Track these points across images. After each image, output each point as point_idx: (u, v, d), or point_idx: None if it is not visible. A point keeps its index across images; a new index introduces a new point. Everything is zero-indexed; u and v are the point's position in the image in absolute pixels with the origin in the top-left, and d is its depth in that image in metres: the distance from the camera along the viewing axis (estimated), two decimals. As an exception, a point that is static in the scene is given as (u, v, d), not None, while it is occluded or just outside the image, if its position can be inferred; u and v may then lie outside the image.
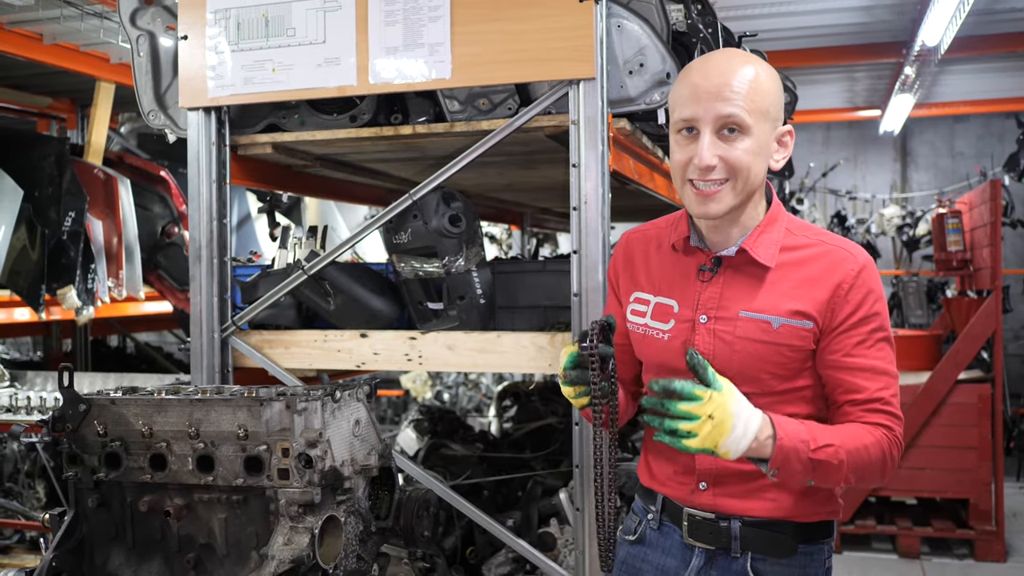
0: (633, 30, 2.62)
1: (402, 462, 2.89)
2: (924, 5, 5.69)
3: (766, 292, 1.83)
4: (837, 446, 1.73)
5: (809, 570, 1.90)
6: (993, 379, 5.99)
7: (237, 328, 3.00)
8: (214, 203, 2.97)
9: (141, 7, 3.11)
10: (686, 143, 1.81)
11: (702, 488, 1.91)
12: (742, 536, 1.88)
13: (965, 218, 6.78)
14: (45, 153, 4.58)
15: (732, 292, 1.86)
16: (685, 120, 1.80)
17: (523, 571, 3.35)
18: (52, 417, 2.11)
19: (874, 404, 1.79)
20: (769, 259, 1.84)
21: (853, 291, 1.80)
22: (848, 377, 1.81)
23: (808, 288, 1.81)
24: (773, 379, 1.83)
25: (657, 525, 2.00)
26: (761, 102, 1.78)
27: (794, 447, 1.70)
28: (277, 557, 1.92)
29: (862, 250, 1.86)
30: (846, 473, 1.74)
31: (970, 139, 10.04)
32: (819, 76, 7.82)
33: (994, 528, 5.81)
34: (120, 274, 4.77)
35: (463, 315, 2.87)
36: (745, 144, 1.77)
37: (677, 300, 1.91)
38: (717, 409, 1.64)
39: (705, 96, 1.76)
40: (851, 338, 1.80)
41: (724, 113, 1.75)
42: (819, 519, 1.91)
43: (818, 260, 1.83)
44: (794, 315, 1.81)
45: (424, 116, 2.89)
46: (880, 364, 1.81)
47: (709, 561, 1.92)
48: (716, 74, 1.78)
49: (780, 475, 1.73)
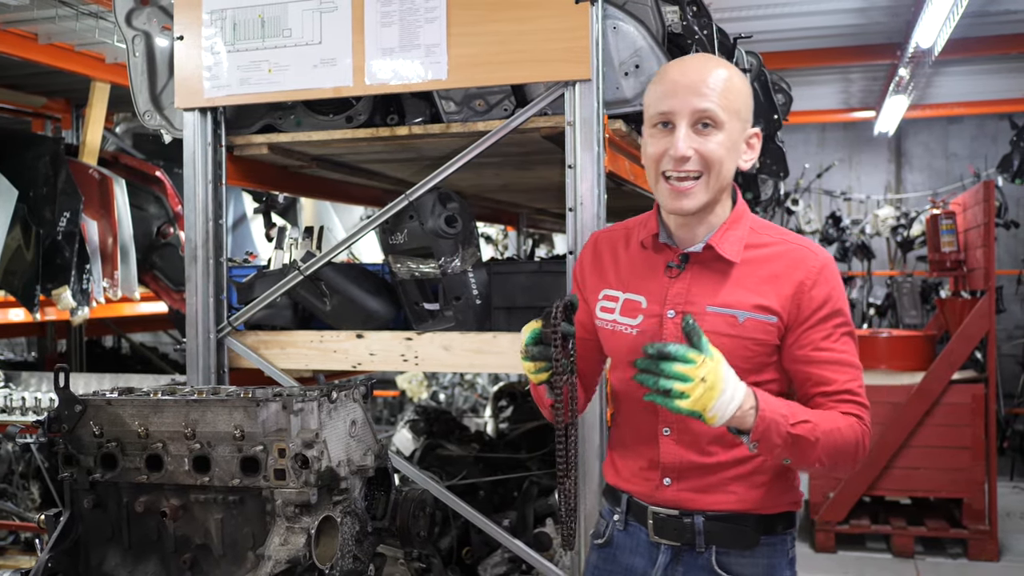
0: (629, 32, 2.63)
1: (398, 462, 2.89)
2: (918, 7, 5.70)
3: (732, 287, 1.89)
4: (815, 423, 1.79)
5: (773, 560, 1.95)
6: (987, 379, 6.00)
7: (233, 329, 3.00)
8: (210, 204, 2.97)
9: (137, 7, 3.11)
10: (661, 136, 1.87)
11: (666, 484, 1.95)
12: (706, 531, 1.92)
13: (959, 219, 6.80)
14: (40, 153, 4.56)
15: (699, 288, 1.91)
16: (662, 114, 1.86)
17: (519, 571, 3.36)
18: (48, 418, 2.11)
19: (844, 395, 1.86)
20: (735, 255, 1.90)
21: (816, 288, 1.86)
22: (817, 371, 1.87)
23: (772, 284, 1.88)
24: (740, 372, 1.84)
25: (623, 526, 2.04)
26: (734, 101, 1.85)
27: (774, 419, 1.75)
28: (273, 557, 1.92)
29: (822, 249, 1.94)
30: (820, 453, 1.79)
31: (964, 140, 10.06)
32: (814, 77, 7.83)
33: (987, 527, 5.82)
34: (115, 274, 4.76)
35: (459, 316, 2.87)
36: (719, 138, 1.84)
37: (645, 296, 1.96)
38: (710, 373, 1.68)
39: (682, 91, 1.83)
40: (817, 333, 1.86)
41: (700, 107, 1.82)
42: (780, 510, 1.96)
43: (781, 258, 1.90)
44: (759, 310, 1.87)
45: (420, 117, 2.90)
46: (846, 357, 1.88)
47: (675, 558, 1.97)
48: (693, 72, 1.86)
49: (760, 447, 1.77)
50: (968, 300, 6.50)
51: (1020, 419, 8.70)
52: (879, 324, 9.52)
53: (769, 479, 1.93)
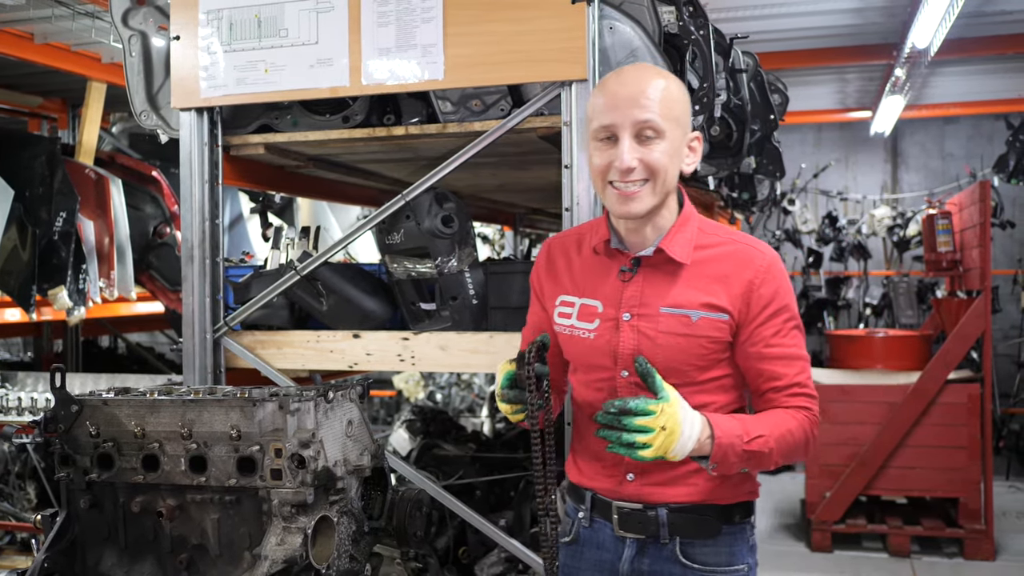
0: (625, 32, 2.63)
1: (395, 462, 2.89)
2: (914, 7, 5.70)
3: (683, 288, 1.96)
4: (767, 436, 1.88)
5: (734, 547, 2.04)
6: (982, 379, 6.01)
7: (229, 329, 3.00)
8: (206, 203, 2.97)
9: (133, 7, 3.10)
10: (606, 148, 1.92)
11: (629, 479, 2.02)
12: (670, 522, 2.00)
13: (955, 219, 6.81)
14: (36, 153, 4.56)
15: (652, 289, 1.98)
16: (605, 127, 1.92)
17: (515, 571, 3.36)
18: (44, 418, 2.11)
19: (793, 388, 1.95)
20: (685, 257, 1.96)
21: (764, 285, 1.94)
22: (768, 366, 1.95)
23: (722, 283, 1.95)
24: (694, 370, 1.95)
25: (588, 522, 2.11)
26: (673, 109, 1.92)
27: (730, 443, 1.84)
28: (270, 557, 1.92)
29: (769, 247, 2.01)
30: (775, 458, 1.90)
31: (960, 140, 10.07)
32: (810, 77, 7.84)
33: (983, 527, 5.83)
34: (111, 274, 4.75)
35: (456, 316, 2.88)
36: (661, 147, 1.90)
37: (601, 300, 2.02)
38: (668, 420, 1.78)
39: (623, 104, 1.89)
40: (767, 329, 1.94)
41: (642, 119, 1.88)
42: (739, 500, 2.05)
43: (730, 257, 1.97)
44: (711, 308, 1.94)
45: (417, 117, 2.90)
46: (794, 350, 1.97)
47: (640, 550, 2.04)
48: (632, 84, 1.92)
49: (719, 468, 1.87)
50: (964, 300, 6.51)
51: (1016, 419, 8.71)
52: (875, 324, 9.54)
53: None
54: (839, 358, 7.22)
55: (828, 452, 6.09)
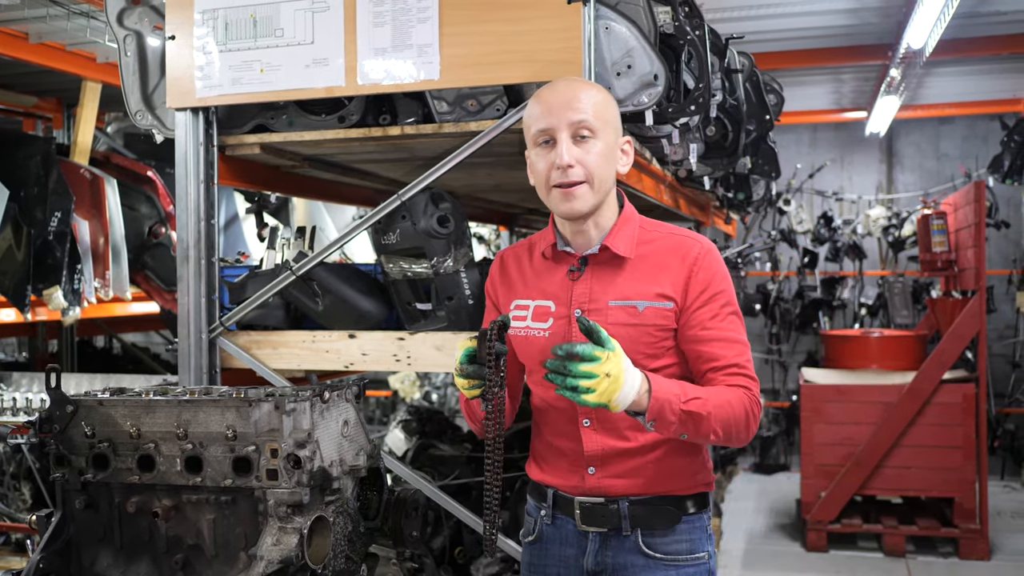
0: (621, 32, 2.63)
1: (390, 462, 2.89)
2: (909, 8, 5.72)
3: (629, 281, 2.07)
4: (705, 399, 1.95)
5: (693, 535, 2.12)
6: (977, 379, 6.03)
7: (225, 329, 3.00)
8: (202, 204, 2.97)
9: (128, 7, 3.10)
10: (545, 152, 2.04)
11: (590, 472, 2.10)
12: (631, 515, 2.09)
13: (950, 219, 6.82)
14: (31, 153, 4.55)
15: (600, 285, 2.09)
16: (543, 131, 2.03)
17: (511, 571, 3.36)
18: (39, 418, 2.11)
19: (732, 369, 2.03)
20: (628, 251, 2.08)
21: (701, 272, 2.05)
22: (707, 348, 2.04)
23: (664, 273, 2.06)
24: (644, 358, 2.04)
25: (551, 520, 2.19)
26: (605, 113, 2.04)
27: (667, 399, 1.91)
28: (266, 558, 1.92)
29: (705, 238, 2.13)
30: (713, 425, 1.95)
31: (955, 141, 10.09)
32: (806, 78, 7.85)
33: (978, 526, 5.85)
34: (106, 274, 4.75)
35: (451, 316, 2.87)
36: (597, 147, 2.02)
37: (553, 300, 2.12)
38: (613, 367, 1.84)
39: (558, 108, 2.01)
40: (704, 313, 2.04)
41: (576, 119, 2.00)
42: (696, 491, 2.14)
43: (669, 249, 2.09)
44: (656, 297, 2.05)
45: (412, 117, 2.90)
46: (732, 334, 2.06)
47: (603, 543, 2.12)
48: (564, 90, 2.05)
49: (657, 425, 1.93)
50: (959, 300, 6.52)
51: (1011, 418, 8.73)
52: (870, 324, 9.55)
53: (683, 462, 2.11)
54: (834, 358, 7.23)
55: (823, 452, 6.10)
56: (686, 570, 2.10)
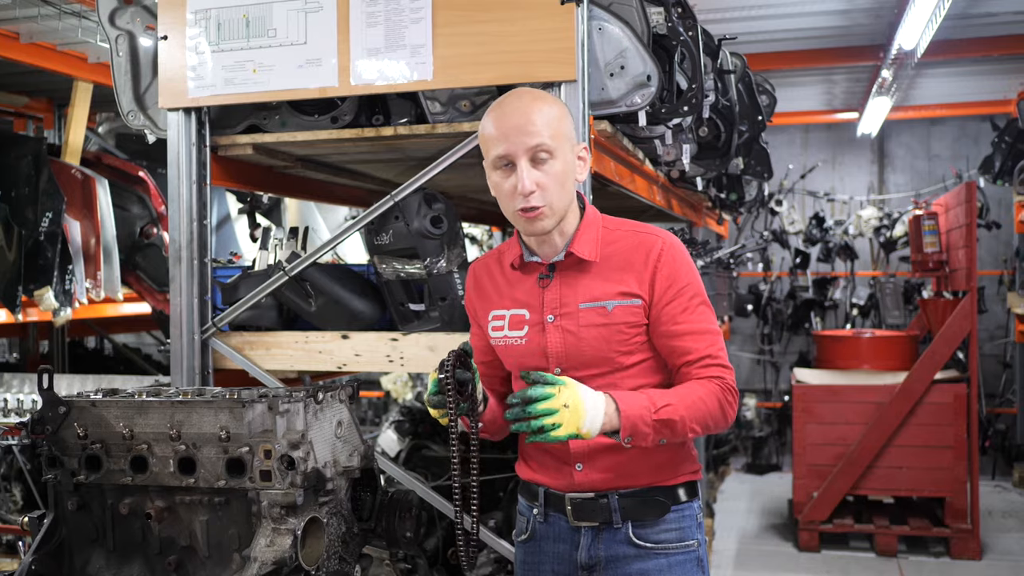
0: (614, 33, 2.64)
1: (384, 463, 2.89)
2: (901, 9, 5.73)
3: (596, 283, 2.10)
4: (675, 404, 1.99)
5: (683, 524, 2.16)
6: (969, 379, 6.04)
7: (217, 329, 2.99)
8: (194, 204, 2.96)
9: (120, 7, 3.09)
10: (506, 175, 2.04)
11: (579, 469, 2.13)
12: (621, 507, 2.12)
13: (941, 220, 6.84)
14: (22, 153, 4.53)
15: (569, 290, 2.12)
16: (501, 157, 2.03)
17: (504, 571, 3.36)
18: (32, 419, 2.10)
19: (705, 360, 2.06)
20: (593, 255, 2.11)
21: (664, 266, 2.07)
22: (679, 343, 2.07)
23: (629, 271, 2.09)
24: (619, 355, 2.08)
25: (543, 518, 2.22)
26: (559, 128, 2.04)
27: (638, 414, 1.95)
28: (259, 559, 1.92)
29: (668, 233, 2.16)
30: (690, 425, 2.00)
31: (946, 141, 10.12)
32: (798, 79, 7.86)
33: (969, 526, 5.86)
34: (98, 275, 4.73)
35: (445, 316, 2.87)
36: (555, 167, 2.02)
37: (527, 309, 2.15)
38: (569, 397, 1.90)
39: (513, 133, 2.01)
40: (674, 308, 2.07)
41: (533, 144, 2.00)
42: (683, 480, 2.17)
43: (632, 247, 2.11)
44: (623, 296, 2.08)
45: (406, 117, 2.89)
46: (703, 325, 2.08)
47: (596, 537, 2.15)
48: (517, 114, 2.03)
49: (634, 440, 1.97)
50: (950, 300, 6.54)
51: (1002, 418, 8.75)
52: (862, 324, 9.57)
53: (668, 455, 2.13)
54: (826, 358, 7.25)
55: (815, 452, 6.11)
56: (676, 558, 2.14)
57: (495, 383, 2.28)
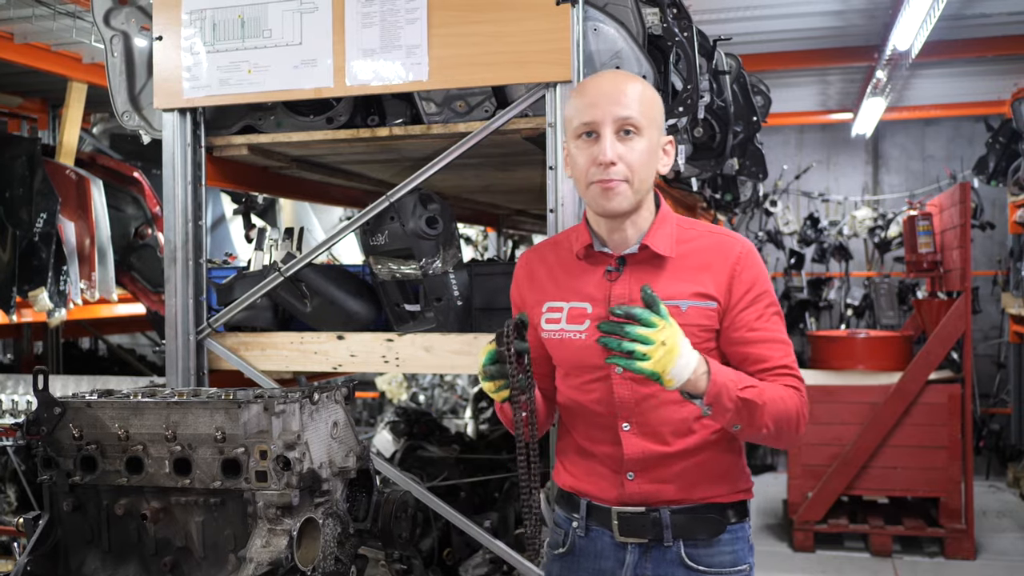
0: (609, 33, 2.64)
1: (379, 464, 2.89)
2: (895, 10, 5.75)
3: (670, 280, 2.00)
4: (761, 389, 1.91)
5: (736, 547, 2.05)
6: (963, 379, 6.05)
7: (212, 330, 2.99)
8: (189, 205, 2.96)
9: (115, 7, 3.08)
10: (587, 147, 1.97)
11: (630, 478, 2.02)
12: (673, 524, 2.00)
13: (935, 220, 6.86)
14: (16, 153, 4.53)
15: (639, 285, 1.97)
16: (586, 124, 1.95)
17: (500, 572, 3.36)
18: (27, 420, 2.09)
19: (780, 370, 1.98)
20: (669, 250, 2.01)
21: (745, 271, 1.99)
22: (754, 350, 1.99)
23: (706, 272, 2.00)
24: None
25: (584, 532, 2.09)
26: (650, 110, 1.97)
27: (725, 383, 1.86)
28: (255, 560, 1.91)
29: (744, 238, 2.08)
30: (767, 418, 1.90)
31: (940, 142, 10.14)
32: (792, 79, 7.88)
33: (964, 526, 5.87)
34: (92, 276, 4.73)
35: (440, 317, 2.87)
36: (640, 145, 1.95)
37: (590, 302, 2.04)
38: (669, 337, 1.79)
39: (603, 101, 1.94)
40: (750, 314, 1.99)
41: (622, 115, 1.93)
42: (736, 499, 2.07)
43: (710, 248, 2.02)
44: (699, 297, 1.98)
45: (401, 118, 2.89)
46: (778, 335, 2.01)
47: (643, 555, 2.03)
48: (611, 85, 1.98)
49: (713, 410, 1.87)
50: (945, 301, 6.55)
51: (996, 418, 8.78)
52: (857, 325, 9.59)
53: (725, 467, 2.04)
54: (821, 359, 7.26)
55: (810, 452, 6.12)
56: None
57: (542, 381, 2.14)
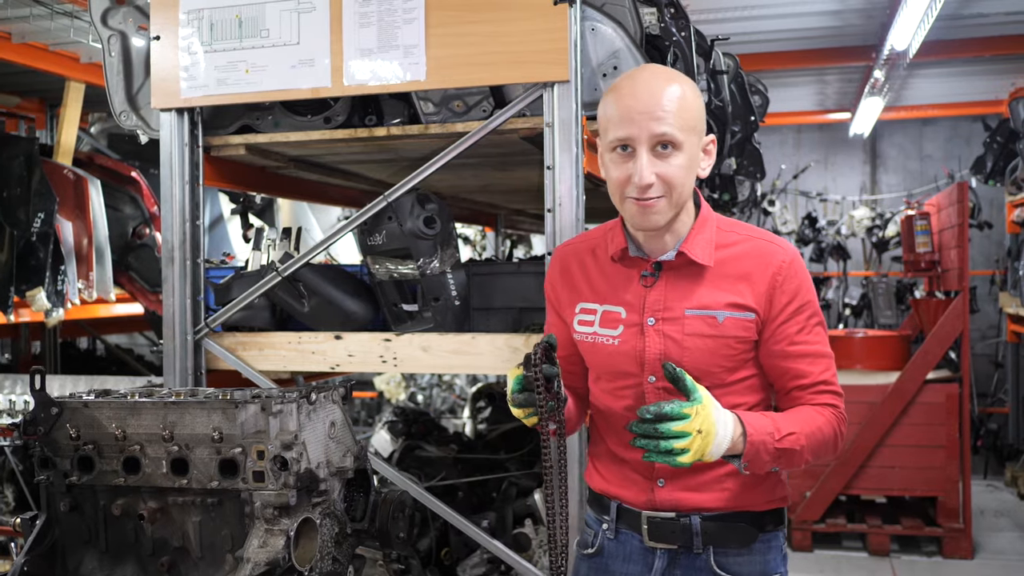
0: (607, 33, 2.64)
1: (377, 464, 2.89)
2: (893, 10, 5.75)
3: (707, 289, 1.92)
4: (798, 433, 1.84)
5: (768, 556, 1.99)
6: (961, 379, 6.06)
7: (210, 330, 2.99)
8: (187, 204, 2.96)
9: (113, 7, 3.08)
10: (622, 161, 1.88)
11: (660, 485, 1.97)
12: (703, 531, 1.95)
13: (933, 220, 6.86)
14: (14, 153, 4.52)
15: (675, 293, 1.94)
16: (620, 139, 1.86)
17: (498, 572, 3.36)
18: (24, 420, 2.09)
19: (819, 387, 1.93)
20: (707, 259, 1.93)
21: (787, 282, 1.91)
22: (793, 364, 1.92)
23: (745, 282, 1.91)
24: (723, 371, 1.92)
25: (613, 534, 2.05)
26: (689, 118, 1.86)
27: (762, 440, 1.81)
28: (252, 560, 1.91)
29: (788, 243, 1.98)
30: (806, 456, 1.86)
31: (938, 142, 10.15)
32: (790, 79, 7.88)
33: (961, 526, 5.88)
34: (90, 275, 4.72)
35: (438, 317, 2.87)
36: (679, 160, 1.85)
37: (624, 307, 1.98)
38: (704, 422, 1.74)
39: (638, 116, 1.83)
40: (791, 327, 1.91)
41: (658, 132, 1.83)
42: (772, 507, 2.00)
43: (750, 255, 1.94)
44: (736, 308, 1.90)
45: (399, 118, 2.89)
46: (819, 348, 1.94)
47: (672, 561, 1.99)
48: (646, 94, 1.85)
49: (751, 467, 1.83)
50: (942, 300, 6.56)
51: (994, 418, 8.79)
52: (854, 324, 9.59)
53: (759, 476, 1.95)
54: (819, 358, 7.24)
55: (808, 452, 6.11)
56: None
57: (573, 380, 2.10)
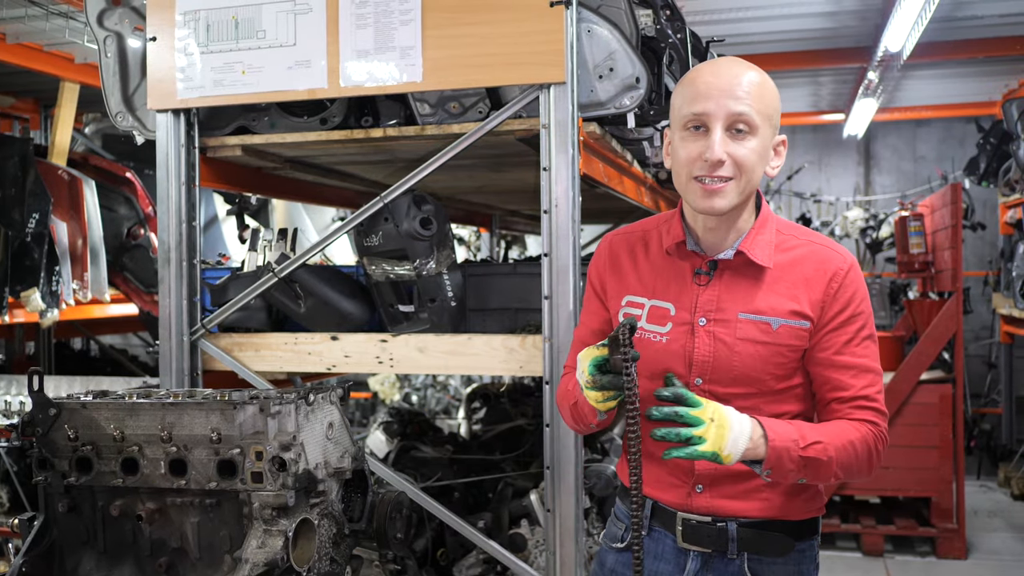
0: (603, 35, 2.64)
1: (373, 464, 2.89)
2: (887, 11, 5.76)
3: (764, 293, 1.87)
4: (825, 443, 1.78)
5: (803, 567, 1.95)
6: (954, 379, 6.07)
7: (206, 331, 2.99)
8: (183, 205, 2.96)
9: (109, 8, 3.08)
10: (693, 139, 1.82)
11: (698, 491, 1.93)
12: (739, 537, 1.91)
13: (927, 221, 6.88)
14: (8, 154, 4.51)
15: (730, 294, 1.88)
16: (696, 115, 1.81)
17: (494, 572, 3.36)
18: (22, 421, 2.10)
19: (859, 401, 1.85)
20: (767, 260, 1.87)
21: (842, 290, 1.85)
22: (836, 375, 1.86)
23: (803, 288, 1.86)
24: (772, 379, 1.87)
25: (647, 531, 1.99)
26: (767, 107, 1.83)
27: (785, 446, 1.75)
28: (250, 560, 1.92)
29: (847, 250, 1.92)
30: (835, 469, 1.80)
31: (932, 143, 10.17)
32: (784, 80, 7.89)
33: (955, 526, 5.89)
34: (85, 276, 4.72)
35: (434, 317, 2.88)
36: (752, 144, 1.81)
37: (674, 304, 1.91)
38: (715, 412, 1.72)
39: (717, 93, 1.79)
40: (840, 336, 1.85)
41: (736, 111, 1.79)
42: (808, 516, 1.96)
43: (809, 260, 1.88)
44: (793, 315, 1.85)
45: (395, 119, 2.90)
46: (866, 362, 1.86)
47: (705, 564, 1.94)
48: (728, 75, 1.81)
49: (774, 474, 1.78)
50: (936, 301, 6.57)
51: (987, 418, 8.81)
52: (848, 325, 9.60)
53: (797, 486, 1.91)
54: (813, 359, 7.25)
55: (803, 452, 6.12)
56: None
57: None
